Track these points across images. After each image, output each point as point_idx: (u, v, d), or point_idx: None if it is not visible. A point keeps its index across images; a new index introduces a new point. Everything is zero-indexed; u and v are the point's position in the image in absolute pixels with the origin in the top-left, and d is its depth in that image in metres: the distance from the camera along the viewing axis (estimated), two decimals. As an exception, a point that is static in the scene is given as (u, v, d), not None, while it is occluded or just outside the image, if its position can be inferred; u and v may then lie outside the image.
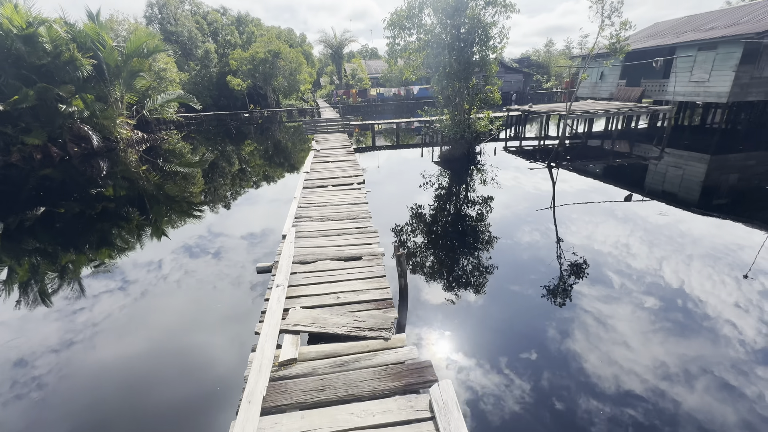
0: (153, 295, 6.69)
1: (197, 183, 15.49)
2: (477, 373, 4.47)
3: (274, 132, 31.89)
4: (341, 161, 13.01)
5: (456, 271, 7.12)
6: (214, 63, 47.59)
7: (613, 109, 16.24)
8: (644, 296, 5.98)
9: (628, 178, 12.95)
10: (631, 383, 4.25)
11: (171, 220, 11.00)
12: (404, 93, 41.87)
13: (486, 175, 13.70)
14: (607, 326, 5.31)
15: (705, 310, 5.64)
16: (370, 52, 69.29)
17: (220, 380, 4.57)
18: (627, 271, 6.76)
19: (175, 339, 5.60)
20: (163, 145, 25.44)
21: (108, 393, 4.55)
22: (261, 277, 6.68)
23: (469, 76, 13.82)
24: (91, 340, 5.52)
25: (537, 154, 17.06)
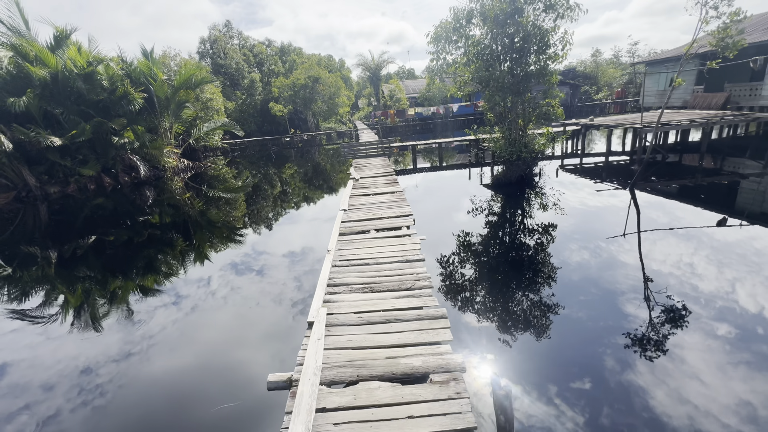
0: (195, 315, 6.88)
1: (239, 207, 15.58)
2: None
3: (313, 155, 31.62)
4: (384, 194, 11.32)
5: (519, 315, 5.61)
6: (258, 91, 49.28)
7: (700, 119, 13.59)
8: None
9: (721, 199, 10.48)
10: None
11: (212, 245, 11.09)
12: (443, 111, 40.47)
13: (546, 199, 11.71)
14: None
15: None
16: (407, 73, 69.13)
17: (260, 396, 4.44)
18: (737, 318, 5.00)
19: (217, 354, 5.72)
20: (208, 172, 25.80)
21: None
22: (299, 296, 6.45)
23: (525, 89, 12.08)
24: (140, 359, 5.69)
25: (603, 173, 14.73)
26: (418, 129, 40.60)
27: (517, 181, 12.75)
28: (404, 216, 8.98)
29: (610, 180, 13.42)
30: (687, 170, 13.86)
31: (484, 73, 11.97)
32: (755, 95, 16.47)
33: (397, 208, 9.74)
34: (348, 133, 39.42)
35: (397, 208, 9.74)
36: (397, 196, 10.95)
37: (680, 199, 10.72)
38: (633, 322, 5.38)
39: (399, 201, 10.41)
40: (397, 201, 10.41)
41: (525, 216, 10.57)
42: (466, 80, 13.17)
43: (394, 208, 9.75)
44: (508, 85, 12.05)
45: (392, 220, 8.68)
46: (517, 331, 5.45)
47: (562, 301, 6.05)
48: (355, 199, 10.92)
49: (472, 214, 11.02)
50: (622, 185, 12.75)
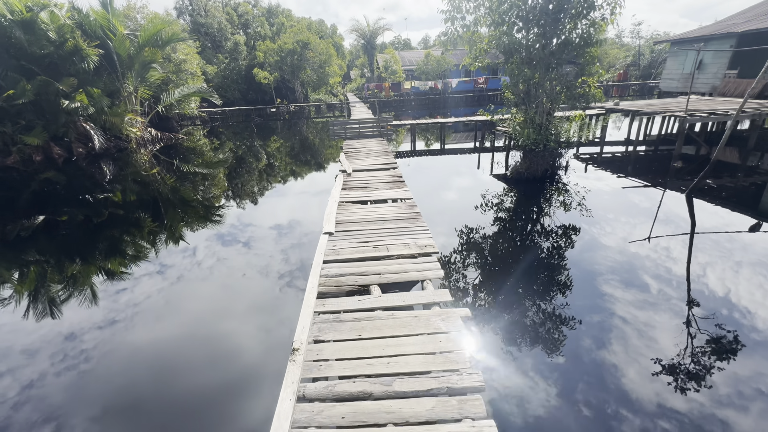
0: (167, 299, 6.21)
1: (218, 184, 14.15)
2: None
3: (301, 128, 28.65)
4: (388, 204, 7.71)
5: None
6: (243, 55, 44.89)
7: (749, 110, 11.45)
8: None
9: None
10: None
11: (187, 225, 10.00)
12: (442, 86, 37.43)
13: (573, 198, 9.63)
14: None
15: None
16: (402, 43, 64.70)
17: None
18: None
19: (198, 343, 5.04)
20: (183, 143, 22.95)
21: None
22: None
23: (559, 62, 9.67)
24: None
25: (629, 166, 12.67)
26: (413, 104, 37.60)
27: (542, 177, 10.54)
28: (424, 253, 5.46)
29: (635, 175, 11.43)
30: (743, 170, 11.85)
31: (513, 38, 9.44)
32: (800, 83, 14.38)
33: (409, 232, 6.13)
34: (339, 106, 36.19)
35: (409, 232, 6.13)
36: (406, 207, 7.29)
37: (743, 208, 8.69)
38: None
39: (410, 217, 6.81)
40: (408, 217, 6.83)
41: (566, 226, 8.43)
42: (485, 49, 10.63)
43: (406, 233, 6.11)
44: (538, 57, 9.60)
45: (407, 266, 5.09)
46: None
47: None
48: (345, 212, 7.25)
49: (492, 221, 8.84)
50: (651, 181, 10.82)
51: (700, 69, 18.02)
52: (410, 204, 7.51)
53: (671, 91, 19.87)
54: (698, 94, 18.48)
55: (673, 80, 19.59)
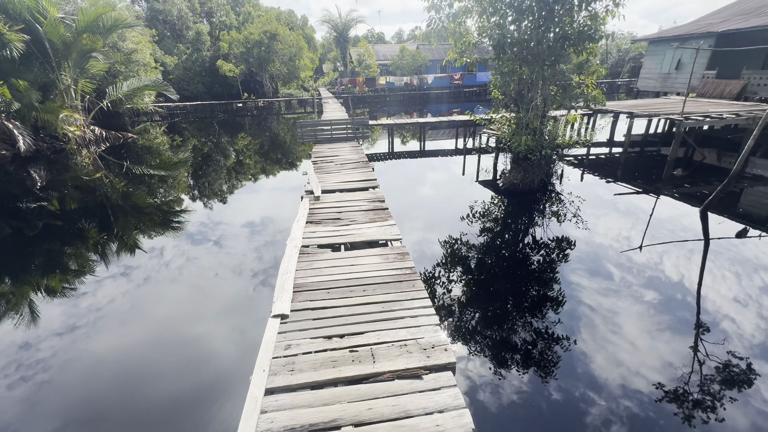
0: (113, 317, 5.54)
1: (178, 187, 12.84)
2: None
3: (270, 124, 26.47)
4: (372, 257, 5.12)
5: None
6: (206, 46, 41.61)
7: (743, 113, 10.87)
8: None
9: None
10: None
11: (144, 233, 8.97)
12: (418, 82, 36.09)
13: (570, 210, 8.61)
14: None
15: None
16: (376, 37, 62.67)
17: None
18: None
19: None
20: (137, 142, 20.51)
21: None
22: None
23: (557, 58, 8.50)
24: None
25: (619, 171, 11.87)
26: (388, 100, 36.07)
27: (539, 188, 9.40)
28: (434, 367, 3.24)
29: (626, 180, 10.65)
30: (716, 172, 11.26)
31: (505, 29, 8.16)
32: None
33: (405, 312, 3.97)
34: (311, 102, 34.08)
35: (405, 312, 3.97)
36: (396, 258, 5.01)
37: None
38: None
39: (402, 277, 4.58)
40: (399, 277, 4.59)
41: (572, 245, 7.29)
42: (474, 42, 9.31)
43: (400, 315, 3.94)
44: (533, 52, 8.38)
45: (406, 400, 2.95)
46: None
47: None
48: (309, 265, 4.93)
49: (487, 240, 7.59)
50: (642, 187, 10.04)
51: (679, 69, 17.63)
52: (400, 251, 5.15)
53: (649, 90, 19.49)
54: (675, 94, 18.13)
55: (651, 80, 19.18)
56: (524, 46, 8.64)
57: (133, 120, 27.46)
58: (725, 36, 16.09)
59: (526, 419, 3.71)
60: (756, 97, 15.07)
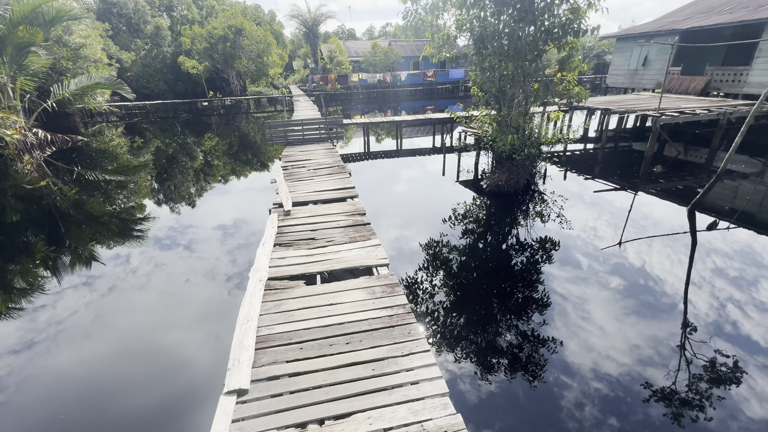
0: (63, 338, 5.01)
1: (139, 192, 11.87)
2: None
3: (239, 124, 24.96)
4: (356, 290, 4.17)
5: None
6: (167, 41, 39.04)
7: (714, 108, 10.92)
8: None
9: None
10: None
11: (100, 244, 8.21)
12: (391, 79, 35.39)
13: (555, 210, 8.27)
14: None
15: None
16: (347, 33, 61.30)
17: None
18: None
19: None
20: (91, 145, 18.79)
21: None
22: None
23: (539, 54, 8.07)
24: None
25: (597, 167, 11.72)
26: (362, 98, 35.17)
27: (524, 189, 8.95)
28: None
29: (604, 176, 10.52)
30: (693, 168, 11.30)
31: (486, 22, 7.61)
32: (739, 81, 14.48)
33: (404, 371, 3.13)
34: (281, 99, 32.62)
35: (404, 371, 3.13)
36: (384, 291, 4.12)
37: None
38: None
39: (396, 319, 3.71)
40: (390, 320, 3.71)
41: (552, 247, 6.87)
42: (454, 35, 8.74)
43: (395, 372, 3.12)
44: (514, 47, 7.90)
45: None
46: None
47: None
48: (277, 307, 3.96)
49: (480, 253, 7.05)
50: (620, 184, 9.93)
51: (646, 65, 17.89)
52: (389, 282, 4.22)
53: (618, 86, 19.74)
54: (642, 90, 18.41)
55: (620, 76, 19.43)
56: (506, 40, 8.12)
57: (86, 121, 25.20)
58: (689, 33, 16.39)
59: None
60: (719, 92, 15.44)
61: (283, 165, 8.99)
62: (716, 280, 5.78)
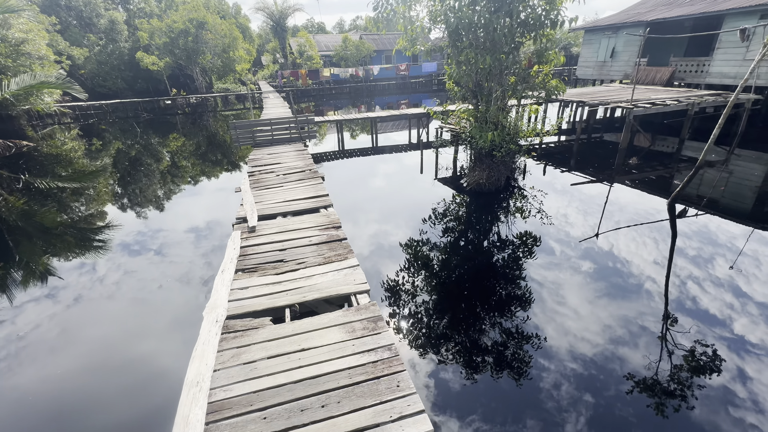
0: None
1: (97, 199, 11.01)
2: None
3: (206, 123, 23.50)
4: (334, 330, 3.47)
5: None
6: (123, 37, 36.38)
7: (683, 99, 11.02)
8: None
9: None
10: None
11: (56, 256, 7.60)
12: (363, 74, 34.53)
13: (536, 207, 8.02)
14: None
15: None
16: (317, 27, 59.49)
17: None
18: None
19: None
20: (40, 149, 17.20)
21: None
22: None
23: (516, 45, 7.70)
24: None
25: (572, 160, 11.63)
26: (334, 93, 34.14)
27: (505, 186, 8.62)
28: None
29: (580, 169, 10.45)
30: (660, 156, 11.40)
31: (462, 13, 7.13)
32: (701, 72, 14.81)
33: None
34: (250, 96, 31.12)
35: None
36: (365, 324, 3.51)
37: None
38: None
39: (381, 369, 3.01)
40: (373, 370, 3.00)
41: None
42: (428, 27, 8.23)
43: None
44: (494, 38, 7.48)
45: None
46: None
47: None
48: (236, 359, 3.16)
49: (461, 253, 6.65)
50: (596, 176, 9.85)
51: (614, 57, 18.07)
52: (370, 315, 3.59)
53: (587, 78, 19.91)
54: (610, 81, 18.62)
55: (589, 68, 19.58)
56: (482, 32, 7.68)
57: (33, 124, 23.01)
58: (654, 24, 16.60)
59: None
60: (683, 82, 15.74)
61: (250, 170, 8.16)
62: (696, 271, 5.74)
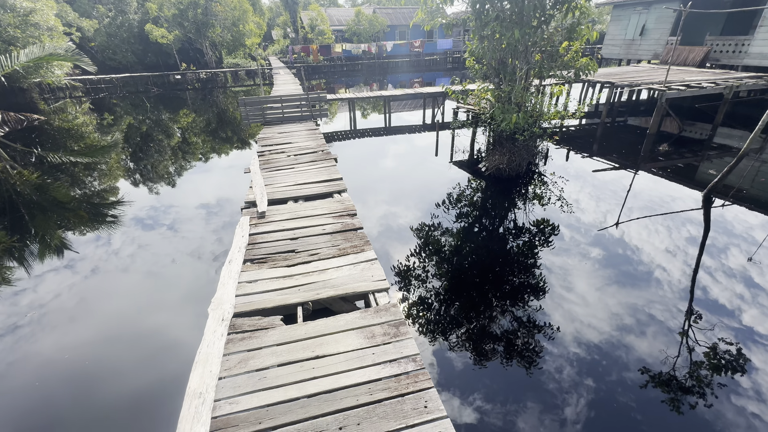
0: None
1: (110, 174, 10.87)
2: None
3: (216, 99, 23.01)
4: (351, 335, 3.09)
5: None
6: (133, 8, 35.42)
7: (720, 81, 10.15)
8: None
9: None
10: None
11: (71, 230, 7.51)
12: (376, 50, 33.26)
13: (557, 195, 7.54)
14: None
15: None
16: (329, 1, 57.22)
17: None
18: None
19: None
20: (51, 124, 17.11)
21: None
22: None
23: (546, 18, 7.04)
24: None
25: (595, 145, 10.97)
26: (345, 70, 33.09)
27: (526, 172, 8.11)
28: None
29: (602, 154, 9.84)
30: (689, 143, 10.67)
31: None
32: (740, 52, 13.69)
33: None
34: (260, 72, 30.33)
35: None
36: (385, 329, 3.11)
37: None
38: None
39: (403, 375, 2.70)
40: (399, 374, 2.71)
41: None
42: (445, 0, 7.58)
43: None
44: (526, 10, 6.83)
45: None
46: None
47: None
48: (242, 360, 2.88)
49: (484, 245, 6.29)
50: (620, 163, 9.31)
51: (643, 35, 16.85)
52: (391, 318, 3.21)
53: (613, 57, 18.71)
54: (637, 61, 17.47)
55: (615, 46, 18.36)
56: (508, 4, 7.01)
57: (45, 97, 22.82)
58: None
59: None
60: (718, 63, 14.64)
61: (260, 150, 7.79)
62: (729, 269, 5.30)
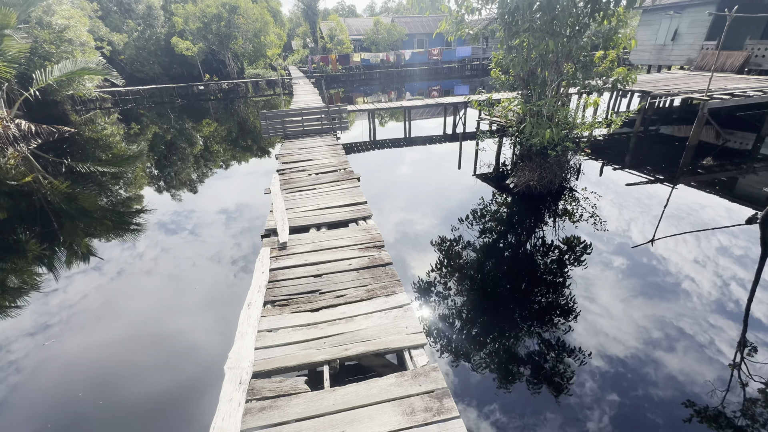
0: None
1: (134, 183, 11.18)
2: None
3: (237, 109, 23.39)
4: (380, 393, 2.67)
5: None
6: (160, 22, 36.77)
7: (767, 89, 9.44)
8: None
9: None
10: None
11: (96, 239, 7.70)
12: (394, 59, 33.25)
13: (592, 215, 7.01)
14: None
15: None
16: (347, 10, 58.04)
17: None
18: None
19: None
20: (81, 135, 17.70)
21: None
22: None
23: (582, 27, 6.64)
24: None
25: (628, 156, 10.35)
26: (364, 79, 33.19)
27: (558, 189, 7.66)
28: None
29: (635, 167, 9.25)
30: (732, 153, 9.92)
31: None
32: (785, 56, 12.77)
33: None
34: (281, 82, 30.75)
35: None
36: (426, 402, 2.57)
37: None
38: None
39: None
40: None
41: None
42: (473, 10, 7.29)
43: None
44: (560, 19, 6.46)
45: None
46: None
47: None
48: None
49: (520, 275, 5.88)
50: (655, 175, 8.65)
51: (675, 40, 16.06)
52: (434, 387, 2.71)
53: (642, 63, 17.94)
54: (667, 68, 16.67)
55: (645, 52, 17.60)
56: (539, 14, 6.65)
57: (77, 109, 23.74)
58: (727, 2, 14.49)
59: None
60: (760, 68, 13.75)
61: (279, 168, 7.56)
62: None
